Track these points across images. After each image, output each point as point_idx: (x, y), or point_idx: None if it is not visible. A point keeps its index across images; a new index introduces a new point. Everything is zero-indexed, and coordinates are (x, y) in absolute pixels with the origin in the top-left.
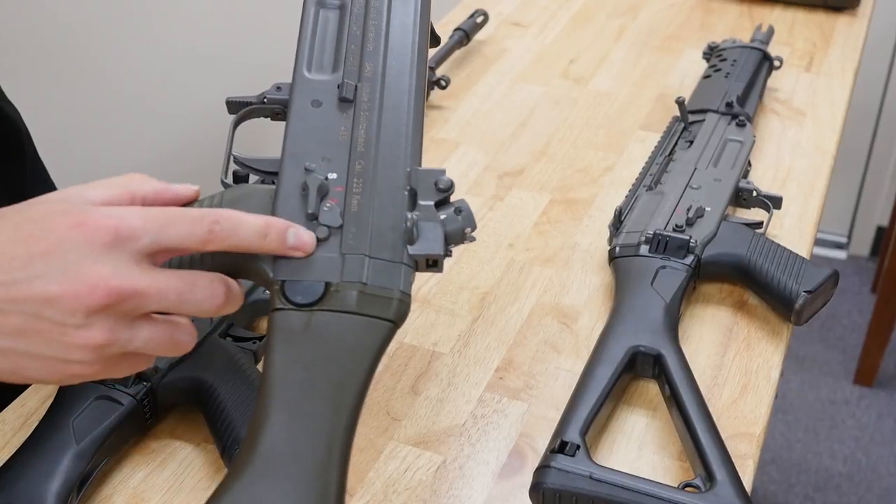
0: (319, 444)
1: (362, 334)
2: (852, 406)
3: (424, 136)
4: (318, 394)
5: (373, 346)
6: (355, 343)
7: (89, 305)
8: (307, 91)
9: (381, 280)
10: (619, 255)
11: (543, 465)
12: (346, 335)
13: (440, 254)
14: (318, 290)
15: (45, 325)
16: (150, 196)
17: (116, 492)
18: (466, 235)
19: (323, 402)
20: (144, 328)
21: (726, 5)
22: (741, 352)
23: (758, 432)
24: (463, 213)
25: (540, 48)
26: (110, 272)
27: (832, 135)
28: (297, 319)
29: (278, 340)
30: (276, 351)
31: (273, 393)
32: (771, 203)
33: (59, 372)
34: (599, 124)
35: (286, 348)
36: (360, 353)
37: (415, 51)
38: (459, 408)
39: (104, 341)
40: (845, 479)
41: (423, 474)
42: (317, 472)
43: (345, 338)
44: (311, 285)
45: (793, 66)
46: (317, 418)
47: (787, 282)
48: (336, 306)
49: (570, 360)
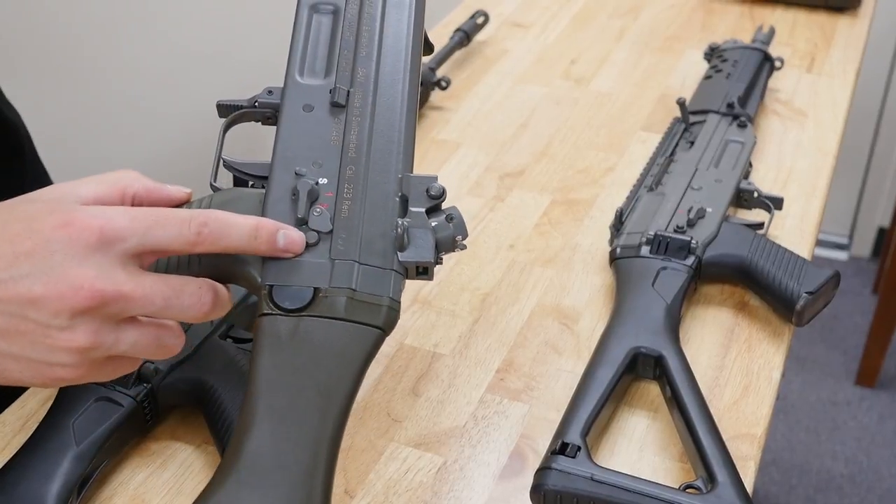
0: (305, 451)
1: (350, 341)
2: (854, 407)
3: (425, 138)
4: (305, 400)
5: (361, 352)
6: (343, 350)
7: (73, 307)
8: (299, 95)
9: (371, 287)
10: (620, 256)
11: (544, 467)
12: (333, 341)
13: (430, 261)
14: (306, 295)
15: (29, 325)
16: (142, 194)
17: (117, 493)
18: (457, 243)
19: (309, 409)
20: (130, 331)
21: (727, 6)
22: (742, 353)
23: (759, 433)
24: (454, 221)
25: (541, 49)
26: (94, 274)
27: (833, 135)
28: (284, 325)
29: (265, 346)
30: (263, 356)
31: (259, 399)
32: (772, 204)
33: (42, 374)
34: (600, 125)
35: (273, 354)
36: (348, 360)
37: (408, 57)
38: (460, 409)
39: (88, 344)
40: (847, 481)
41: (423, 476)
42: (301, 481)
43: (332, 344)
44: (299, 291)
45: (794, 67)
46: (303, 425)
47: (788, 283)
48: (324, 312)
49: (570, 361)
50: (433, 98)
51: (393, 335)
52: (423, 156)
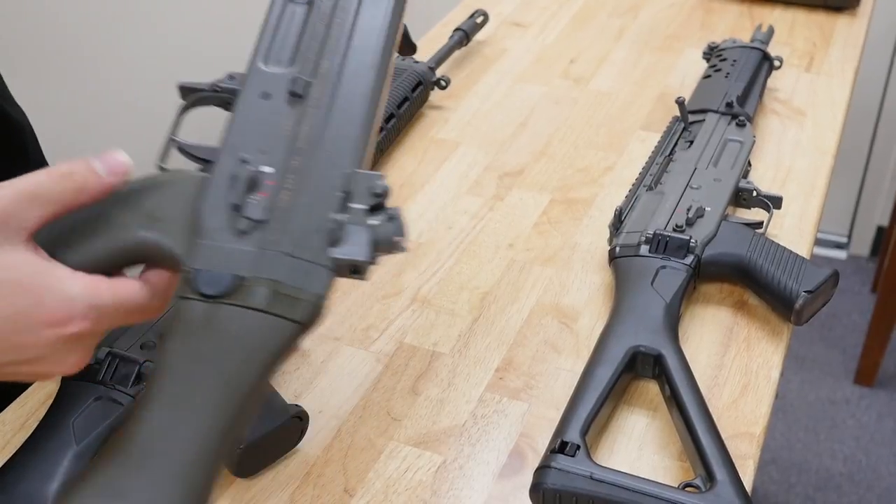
0: (192, 442)
1: (264, 333)
2: (852, 406)
3: (424, 136)
4: (204, 390)
5: (273, 346)
6: (255, 342)
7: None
8: (259, 83)
9: (297, 280)
10: (619, 255)
11: (543, 466)
12: (246, 332)
13: (363, 260)
14: (227, 282)
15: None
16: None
17: None
18: (396, 244)
19: (206, 399)
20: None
21: (726, 5)
22: (741, 352)
23: (758, 432)
24: (394, 221)
25: (540, 48)
26: None
27: (832, 135)
28: (200, 311)
29: (178, 330)
30: (174, 341)
31: (159, 383)
32: (771, 203)
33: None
34: (600, 124)
35: (184, 339)
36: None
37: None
38: (459, 408)
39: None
40: (845, 479)
41: (423, 474)
42: (182, 472)
43: (246, 336)
44: (221, 276)
45: (793, 66)
46: (196, 415)
47: (787, 282)
48: (243, 301)
49: (570, 360)
50: (432, 97)
51: (392, 334)
52: (423, 155)
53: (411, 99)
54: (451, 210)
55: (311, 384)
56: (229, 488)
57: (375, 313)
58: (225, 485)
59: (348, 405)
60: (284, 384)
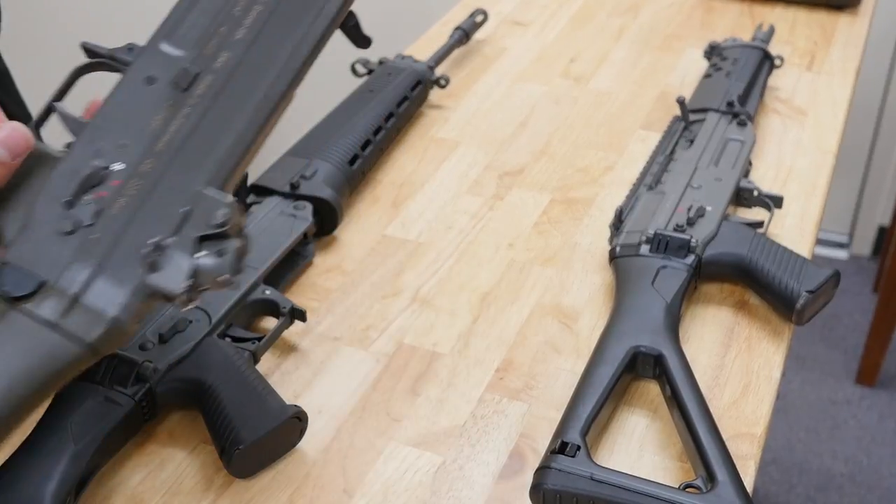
0: None
1: (43, 352)
2: (854, 406)
3: (424, 136)
4: None
5: (48, 368)
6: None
7: None
8: (150, 64)
9: (100, 298)
10: (619, 255)
11: (544, 466)
12: (24, 347)
13: (174, 293)
14: (30, 285)
15: None
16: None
17: (115, 493)
18: (219, 283)
19: None
20: None
21: (727, 4)
22: (742, 352)
23: (759, 433)
24: (224, 257)
25: (540, 47)
26: None
27: (833, 134)
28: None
29: None
30: None
31: None
32: (772, 202)
33: None
34: (600, 124)
35: None
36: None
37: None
38: (459, 408)
39: None
40: (847, 480)
41: (422, 475)
42: None
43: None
44: (27, 278)
45: (794, 66)
46: None
47: (788, 281)
48: (36, 310)
49: (570, 360)
50: (432, 96)
51: (392, 335)
52: (422, 154)
53: (410, 98)
54: (451, 210)
55: (310, 384)
56: (229, 488)
57: (375, 313)
58: (224, 485)
59: (347, 405)
60: (283, 384)
